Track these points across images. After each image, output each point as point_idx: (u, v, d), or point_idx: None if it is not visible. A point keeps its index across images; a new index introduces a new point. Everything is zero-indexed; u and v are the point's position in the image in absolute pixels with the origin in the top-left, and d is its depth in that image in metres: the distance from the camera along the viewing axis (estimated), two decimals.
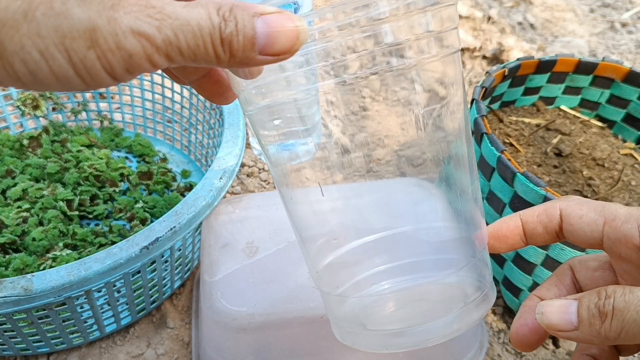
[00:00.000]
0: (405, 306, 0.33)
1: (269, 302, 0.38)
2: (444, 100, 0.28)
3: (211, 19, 0.20)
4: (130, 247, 0.40)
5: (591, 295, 0.24)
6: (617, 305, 0.23)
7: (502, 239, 0.30)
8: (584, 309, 0.24)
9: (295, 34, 0.21)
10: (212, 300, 0.38)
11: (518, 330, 0.27)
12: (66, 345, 0.47)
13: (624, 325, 0.23)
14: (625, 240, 0.25)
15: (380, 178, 0.38)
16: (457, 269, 0.31)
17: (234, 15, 0.20)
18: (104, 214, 0.56)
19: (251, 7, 0.20)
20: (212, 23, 0.20)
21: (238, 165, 0.49)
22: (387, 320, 0.32)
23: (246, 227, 0.43)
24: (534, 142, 0.53)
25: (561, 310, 0.25)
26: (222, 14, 0.20)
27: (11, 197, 0.55)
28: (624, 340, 0.23)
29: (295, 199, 0.32)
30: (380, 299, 0.32)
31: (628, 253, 0.25)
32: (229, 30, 0.20)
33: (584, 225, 0.26)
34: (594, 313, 0.23)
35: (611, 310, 0.23)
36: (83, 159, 0.59)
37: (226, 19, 0.20)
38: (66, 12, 0.17)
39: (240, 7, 0.20)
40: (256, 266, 0.40)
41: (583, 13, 1.02)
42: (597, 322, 0.23)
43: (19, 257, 0.49)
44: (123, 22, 0.18)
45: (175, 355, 0.48)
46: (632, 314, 0.22)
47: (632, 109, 0.56)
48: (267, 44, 0.20)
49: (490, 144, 0.44)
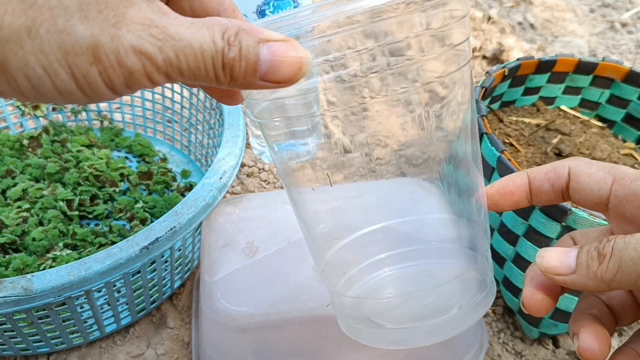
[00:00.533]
0: (407, 302, 0.32)
1: (269, 302, 0.38)
2: (444, 101, 0.28)
3: (215, 42, 0.20)
4: (130, 247, 0.40)
5: (593, 242, 0.24)
6: (616, 246, 0.23)
7: (508, 195, 0.30)
8: (584, 253, 0.24)
9: (299, 65, 0.21)
10: (212, 300, 0.38)
11: (533, 291, 0.28)
12: (66, 345, 0.47)
13: (621, 264, 0.23)
14: (634, 197, 0.25)
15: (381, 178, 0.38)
16: (459, 261, 0.32)
17: (239, 40, 0.20)
18: (104, 214, 0.56)
19: (257, 32, 0.20)
20: (215, 47, 0.20)
21: (238, 166, 0.49)
22: (390, 316, 0.32)
23: (246, 227, 0.43)
24: (534, 142, 0.53)
25: (561, 254, 0.25)
26: (227, 37, 0.20)
27: (11, 197, 0.55)
28: (619, 282, 0.23)
29: (298, 196, 0.33)
30: (381, 285, 0.32)
31: (634, 212, 0.26)
32: (232, 55, 0.20)
33: (592, 183, 0.27)
34: (593, 255, 0.24)
35: (610, 251, 0.23)
36: (83, 159, 0.59)
37: (231, 43, 0.20)
38: (70, 29, 0.18)
39: (247, 32, 0.20)
40: (256, 266, 0.40)
41: (583, 13, 1.02)
42: (594, 264, 0.24)
43: (19, 257, 0.49)
44: (126, 39, 0.18)
45: (175, 355, 0.48)
46: (630, 252, 0.23)
47: (632, 109, 0.56)
48: (269, 71, 0.20)
49: (490, 144, 0.44)
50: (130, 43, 0.18)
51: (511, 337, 0.50)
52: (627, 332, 0.51)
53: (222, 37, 0.20)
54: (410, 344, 0.31)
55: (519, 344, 0.50)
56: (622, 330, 0.51)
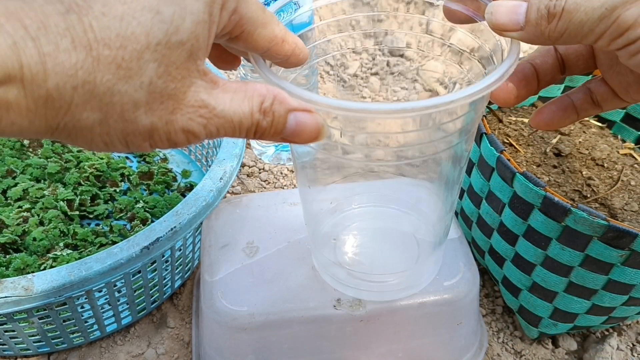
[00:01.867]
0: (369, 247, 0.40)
1: (269, 302, 0.38)
2: None
3: (253, 115, 0.23)
4: (131, 247, 0.40)
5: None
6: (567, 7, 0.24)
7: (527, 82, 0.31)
8: (533, 11, 0.25)
9: (316, 133, 0.24)
10: (212, 300, 0.38)
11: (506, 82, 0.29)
12: (67, 345, 0.47)
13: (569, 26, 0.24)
14: None
15: (380, 178, 0.39)
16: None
17: (273, 110, 0.23)
18: (104, 214, 0.56)
19: (287, 101, 0.23)
20: (252, 120, 0.23)
21: (238, 166, 0.49)
22: (353, 260, 0.39)
23: (246, 227, 0.43)
24: (534, 142, 0.53)
25: (510, 10, 0.26)
26: (264, 109, 0.23)
27: (12, 197, 0.55)
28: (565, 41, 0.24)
29: (303, 192, 0.37)
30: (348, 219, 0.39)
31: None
32: (265, 124, 0.23)
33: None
34: (543, 14, 0.25)
35: (560, 11, 0.24)
36: (84, 159, 0.59)
37: (266, 114, 0.23)
38: (134, 120, 0.21)
39: (279, 101, 0.23)
40: (256, 266, 0.40)
41: None
42: (543, 23, 0.25)
43: (19, 257, 0.49)
44: (178, 123, 0.21)
45: (176, 354, 0.48)
46: (580, 15, 0.24)
47: (631, 109, 0.56)
48: (290, 134, 0.24)
49: (490, 144, 0.44)
50: (181, 125, 0.21)
51: (511, 336, 0.50)
52: (626, 332, 0.51)
53: (260, 109, 0.23)
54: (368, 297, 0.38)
55: (519, 343, 0.50)
56: (622, 330, 0.51)
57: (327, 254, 0.38)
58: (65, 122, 0.20)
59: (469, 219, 0.51)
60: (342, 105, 0.23)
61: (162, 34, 0.20)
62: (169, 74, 0.21)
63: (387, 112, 0.23)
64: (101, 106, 0.20)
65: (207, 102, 0.22)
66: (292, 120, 0.23)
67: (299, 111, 0.23)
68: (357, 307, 0.38)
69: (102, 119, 0.20)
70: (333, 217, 0.40)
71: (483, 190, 0.47)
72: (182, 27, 0.20)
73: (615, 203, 0.47)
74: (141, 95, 0.20)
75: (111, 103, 0.20)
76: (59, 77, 0.19)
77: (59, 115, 0.19)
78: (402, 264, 0.39)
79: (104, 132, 0.21)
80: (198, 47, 0.21)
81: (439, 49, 0.33)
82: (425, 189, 0.37)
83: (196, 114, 0.22)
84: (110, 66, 0.19)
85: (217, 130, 0.22)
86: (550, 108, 0.32)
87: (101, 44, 0.19)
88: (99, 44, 0.19)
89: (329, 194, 0.39)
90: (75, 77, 0.19)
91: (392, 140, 0.27)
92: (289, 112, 0.23)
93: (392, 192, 0.40)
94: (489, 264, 0.50)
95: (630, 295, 0.41)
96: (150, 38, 0.20)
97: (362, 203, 0.41)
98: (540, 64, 0.31)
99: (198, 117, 0.22)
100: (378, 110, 0.23)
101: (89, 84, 0.19)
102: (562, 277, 0.42)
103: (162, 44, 0.20)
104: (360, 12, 0.33)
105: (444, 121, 0.27)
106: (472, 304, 0.41)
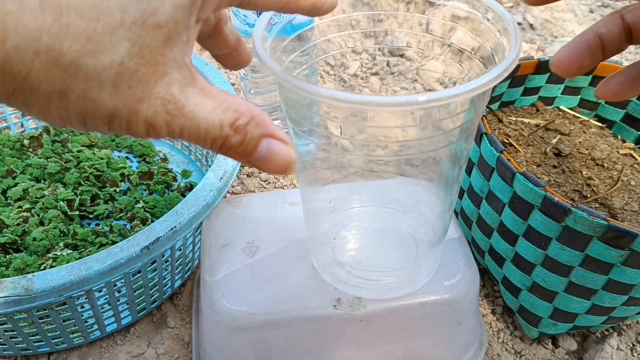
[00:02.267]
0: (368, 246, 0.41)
1: (269, 302, 0.38)
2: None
3: (222, 128, 0.21)
4: (131, 247, 0.40)
5: None
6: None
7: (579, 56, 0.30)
8: None
9: (286, 166, 0.23)
10: (212, 299, 0.38)
11: (569, 50, 0.29)
12: (67, 345, 0.47)
13: None
14: None
15: (380, 178, 0.39)
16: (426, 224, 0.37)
17: (247, 130, 0.22)
18: (104, 214, 0.56)
19: (265, 125, 0.22)
20: (220, 133, 0.21)
21: (238, 166, 0.49)
22: (352, 258, 0.39)
23: (246, 227, 0.43)
24: (534, 142, 0.53)
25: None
26: (236, 126, 0.21)
27: (12, 197, 0.55)
28: None
29: (303, 192, 0.37)
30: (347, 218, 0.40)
31: None
32: (234, 141, 0.22)
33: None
34: None
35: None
36: (84, 159, 0.59)
37: (238, 131, 0.21)
38: (97, 100, 0.19)
39: (256, 123, 0.22)
40: (256, 266, 0.40)
41: (583, 13, 1.03)
42: None
43: (19, 257, 0.49)
44: (142, 114, 0.20)
45: (176, 354, 0.48)
46: None
47: (631, 109, 0.56)
48: (259, 160, 0.22)
49: (490, 144, 0.44)
50: (144, 116, 0.20)
51: (511, 336, 0.50)
52: (626, 332, 0.51)
53: (232, 125, 0.21)
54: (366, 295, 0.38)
55: (519, 343, 0.50)
56: (622, 330, 0.51)
57: (326, 253, 0.38)
58: (22, 88, 0.19)
59: (468, 219, 0.51)
60: (347, 98, 0.23)
61: (139, 13, 0.19)
62: (142, 57, 0.19)
63: (390, 105, 0.23)
64: (64, 78, 0.19)
65: (177, 98, 0.21)
66: (265, 146, 0.22)
67: (274, 139, 0.22)
68: (357, 307, 0.38)
69: (62, 92, 0.19)
70: (333, 216, 0.40)
71: (483, 190, 0.47)
72: (161, 9, 0.19)
73: (615, 203, 0.47)
74: (109, 75, 0.19)
75: (75, 76, 0.19)
76: (20, 39, 0.17)
77: (17, 81, 0.18)
78: (401, 262, 0.39)
79: (61, 106, 0.19)
80: (176, 33, 0.20)
81: (439, 48, 0.33)
82: (425, 189, 0.37)
83: (163, 108, 0.20)
84: (80, 37, 0.18)
85: (180, 131, 0.21)
86: (617, 79, 0.31)
87: (73, 11, 0.18)
88: (70, 10, 0.18)
89: (328, 193, 0.39)
90: (38, 41, 0.18)
91: (392, 136, 0.27)
92: (263, 136, 0.22)
93: (392, 191, 0.40)
94: (489, 264, 0.50)
95: (630, 295, 0.41)
96: (126, 15, 0.19)
97: (361, 202, 0.41)
98: (605, 33, 0.29)
99: (164, 112, 0.20)
100: (380, 103, 0.23)
101: (53, 52, 0.18)
102: (562, 277, 0.42)
103: (138, 24, 0.19)
104: (360, 11, 0.33)
105: (443, 118, 0.27)
106: (472, 304, 0.41)
